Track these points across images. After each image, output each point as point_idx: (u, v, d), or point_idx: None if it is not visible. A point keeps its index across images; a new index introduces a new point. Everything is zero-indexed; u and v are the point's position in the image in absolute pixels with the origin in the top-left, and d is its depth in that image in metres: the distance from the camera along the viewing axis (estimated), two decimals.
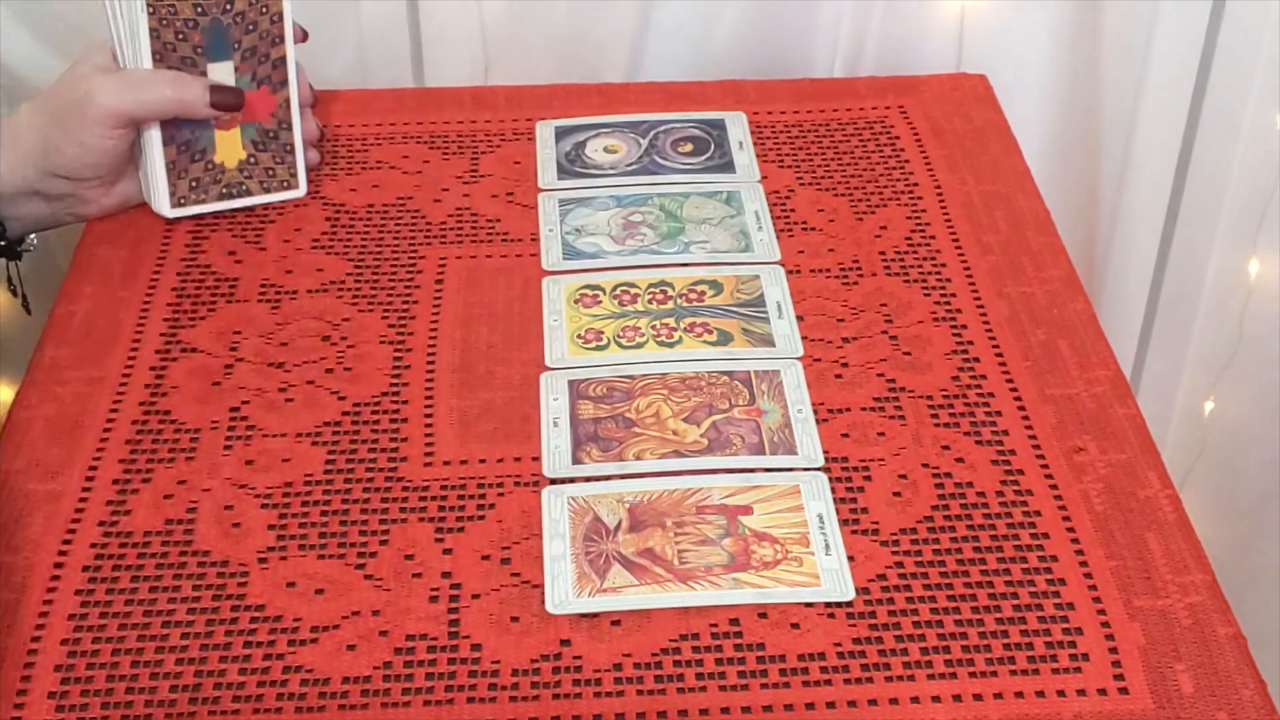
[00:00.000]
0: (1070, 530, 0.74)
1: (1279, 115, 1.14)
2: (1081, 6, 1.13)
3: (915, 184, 0.98)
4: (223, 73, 0.91)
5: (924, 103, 1.06)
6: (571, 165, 0.99)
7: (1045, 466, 0.78)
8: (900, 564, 0.72)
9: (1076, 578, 0.72)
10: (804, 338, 0.85)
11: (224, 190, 0.94)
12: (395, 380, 0.83)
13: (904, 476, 0.77)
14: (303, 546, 0.73)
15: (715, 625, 0.69)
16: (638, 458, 0.78)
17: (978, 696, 0.66)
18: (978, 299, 0.88)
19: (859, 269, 0.91)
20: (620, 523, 0.74)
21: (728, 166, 0.99)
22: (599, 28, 1.13)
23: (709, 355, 0.84)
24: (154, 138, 0.90)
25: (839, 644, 0.69)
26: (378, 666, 0.68)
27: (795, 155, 1.00)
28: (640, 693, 0.67)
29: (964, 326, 0.86)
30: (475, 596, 0.71)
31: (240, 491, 0.76)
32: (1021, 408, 0.81)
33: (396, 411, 0.81)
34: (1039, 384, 0.83)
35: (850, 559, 0.72)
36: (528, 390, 0.82)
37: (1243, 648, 0.69)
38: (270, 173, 0.94)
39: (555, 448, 0.78)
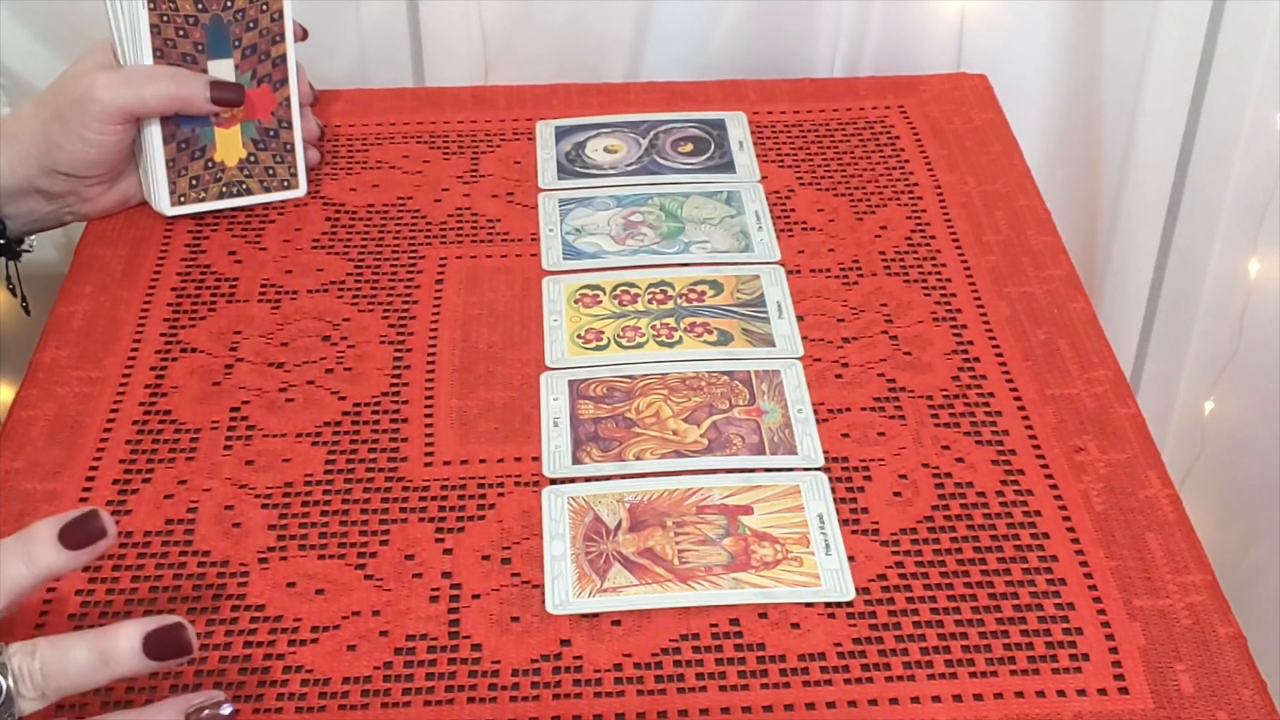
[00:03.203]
0: (1070, 530, 0.74)
1: (1279, 115, 1.14)
2: (1081, 6, 1.13)
3: (915, 184, 0.98)
4: (223, 70, 0.91)
5: (924, 103, 1.06)
6: (571, 165, 0.99)
7: (1045, 466, 0.78)
8: (900, 564, 0.72)
9: (1076, 578, 0.72)
10: (804, 338, 0.85)
11: (224, 189, 0.94)
12: (395, 380, 0.83)
13: (904, 476, 0.77)
14: (303, 546, 0.73)
15: (715, 625, 0.69)
16: (638, 458, 0.78)
17: (978, 696, 0.66)
18: (978, 299, 0.88)
19: (859, 269, 0.91)
20: (620, 523, 0.74)
21: (728, 166, 0.99)
22: (599, 28, 1.13)
23: (709, 355, 0.84)
24: (154, 134, 0.90)
25: (839, 644, 0.69)
26: (378, 666, 0.68)
27: (795, 155, 1.00)
28: (640, 693, 0.67)
29: (964, 326, 0.86)
30: (475, 596, 0.71)
31: (240, 491, 0.76)
32: (1021, 408, 0.81)
33: (396, 411, 0.81)
34: (1039, 384, 0.83)
35: (850, 559, 0.72)
36: (528, 390, 0.82)
37: (1243, 648, 0.69)
38: (270, 172, 0.94)
39: (555, 448, 0.78)
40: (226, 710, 0.62)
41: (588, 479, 0.77)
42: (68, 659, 0.59)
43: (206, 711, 0.61)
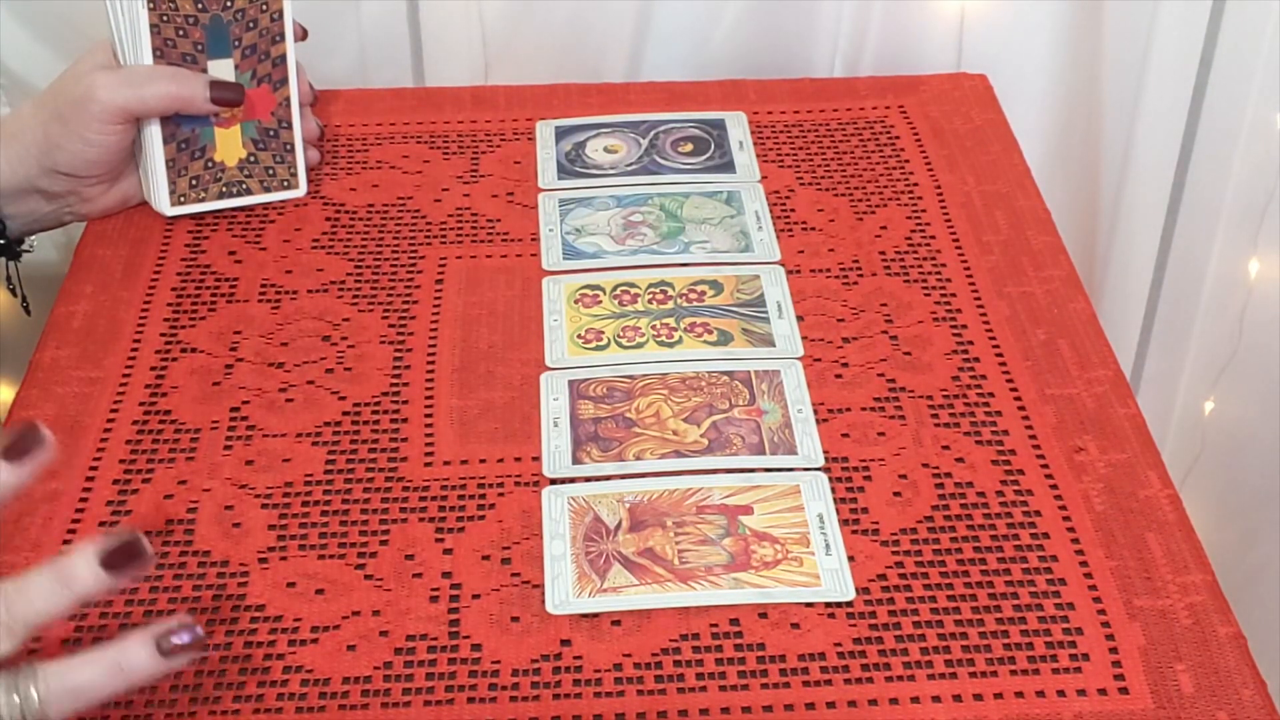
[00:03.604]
0: (1070, 530, 0.74)
1: (1279, 115, 1.14)
2: (1081, 6, 1.13)
3: (915, 184, 0.98)
4: (223, 70, 0.91)
5: (924, 103, 1.06)
6: (571, 165, 0.99)
7: (1045, 466, 0.78)
8: (900, 564, 0.72)
9: (1076, 578, 0.72)
10: (804, 338, 0.85)
11: (224, 189, 0.94)
12: (395, 380, 0.83)
13: (904, 476, 0.77)
14: (303, 546, 0.73)
15: (715, 625, 0.69)
16: (638, 458, 0.78)
17: (978, 696, 0.66)
18: (978, 299, 0.88)
19: (859, 269, 0.91)
20: (620, 523, 0.74)
21: (728, 166, 0.99)
22: (599, 28, 1.13)
23: (709, 355, 0.84)
24: (154, 134, 0.90)
25: (839, 644, 0.69)
26: (378, 666, 0.68)
27: (795, 155, 1.00)
28: (640, 693, 0.67)
29: (964, 326, 0.86)
30: (475, 596, 0.71)
31: (240, 491, 0.76)
32: (1021, 408, 0.81)
33: (396, 411, 0.81)
34: (1039, 384, 0.83)
35: (850, 559, 0.72)
36: (528, 390, 0.82)
37: (1243, 648, 0.69)
38: (270, 172, 0.94)
39: (555, 448, 0.78)
40: (192, 635, 0.61)
41: (588, 479, 0.77)
42: (29, 587, 0.60)
43: (176, 637, 0.61)
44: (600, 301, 0.88)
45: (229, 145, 0.93)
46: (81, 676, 0.60)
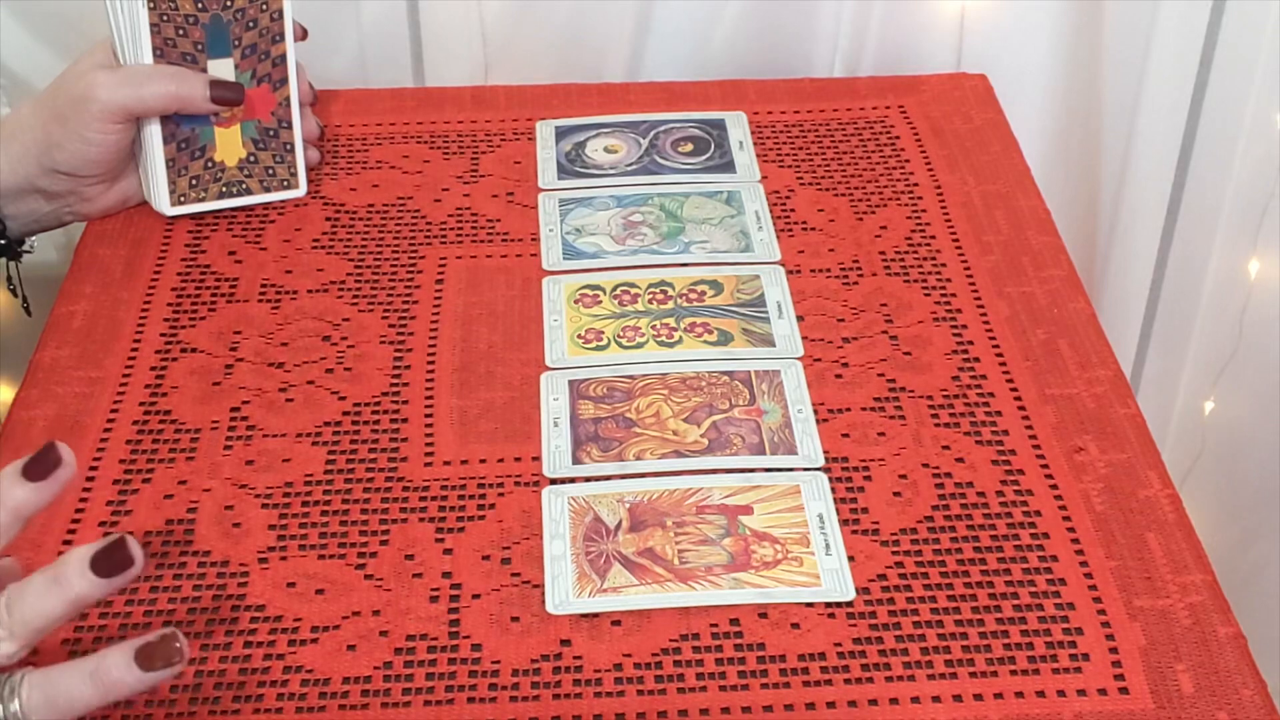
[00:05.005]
0: (1070, 530, 0.74)
1: (1279, 115, 1.14)
2: (1081, 7, 1.13)
3: (915, 184, 0.98)
4: (223, 70, 0.91)
5: (924, 103, 1.06)
6: (571, 165, 0.99)
7: (1045, 466, 0.78)
8: (900, 564, 0.72)
9: (1077, 578, 0.72)
10: (804, 338, 0.85)
11: (224, 189, 0.94)
12: (395, 380, 0.83)
13: (904, 476, 0.77)
14: (303, 546, 0.73)
15: (715, 625, 0.69)
16: (638, 458, 0.78)
17: (978, 696, 0.66)
18: (978, 299, 0.88)
19: (859, 269, 0.91)
20: (620, 523, 0.74)
21: (728, 166, 0.99)
22: (599, 28, 1.13)
23: (709, 355, 0.84)
24: (154, 134, 0.90)
25: (839, 644, 0.69)
26: (378, 666, 0.68)
27: (795, 155, 1.00)
28: (640, 693, 0.67)
29: (964, 326, 0.86)
30: (475, 596, 0.71)
31: (240, 491, 0.76)
32: (1022, 408, 0.81)
33: (396, 411, 0.81)
34: (1039, 384, 0.83)
35: (850, 559, 0.72)
36: (528, 390, 0.82)
37: (1243, 648, 0.69)
38: (270, 171, 0.94)
39: (555, 448, 0.78)
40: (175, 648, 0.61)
41: (588, 479, 0.77)
42: (26, 588, 0.61)
43: (155, 643, 0.61)
44: (600, 301, 0.88)
45: (229, 145, 0.93)
46: (60, 686, 0.60)
